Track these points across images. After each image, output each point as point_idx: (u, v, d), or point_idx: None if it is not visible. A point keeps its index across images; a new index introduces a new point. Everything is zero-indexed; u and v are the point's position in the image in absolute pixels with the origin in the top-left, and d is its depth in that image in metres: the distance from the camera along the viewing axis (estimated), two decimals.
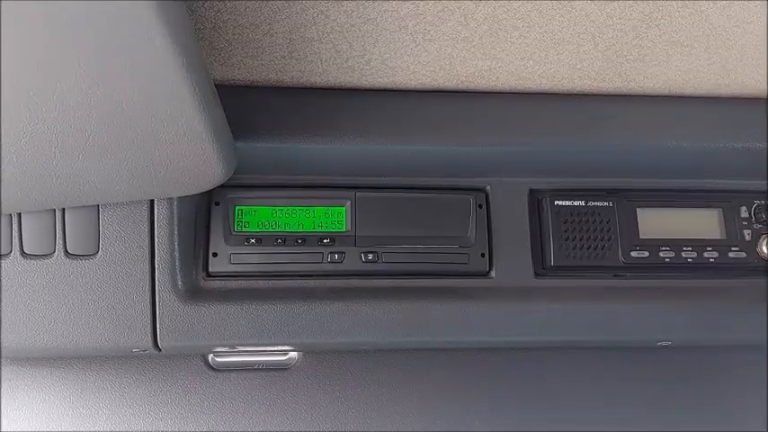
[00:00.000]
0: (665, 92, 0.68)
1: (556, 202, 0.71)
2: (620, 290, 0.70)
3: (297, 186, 0.69)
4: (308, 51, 0.60)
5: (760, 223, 0.72)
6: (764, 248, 0.71)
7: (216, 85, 0.63)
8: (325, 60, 0.61)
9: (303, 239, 0.67)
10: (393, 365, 0.75)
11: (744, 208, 0.73)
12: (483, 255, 0.69)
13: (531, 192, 0.72)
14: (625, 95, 0.69)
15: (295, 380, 0.74)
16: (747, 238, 0.72)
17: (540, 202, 0.72)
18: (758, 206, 0.73)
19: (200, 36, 0.58)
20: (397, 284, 0.68)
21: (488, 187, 0.71)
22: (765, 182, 0.74)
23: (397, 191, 0.70)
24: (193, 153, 0.52)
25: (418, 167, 0.69)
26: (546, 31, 0.59)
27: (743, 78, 0.67)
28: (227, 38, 0.59)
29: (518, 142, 0.67)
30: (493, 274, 0.69)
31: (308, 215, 0.68)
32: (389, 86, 0.66)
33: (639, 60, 0.63)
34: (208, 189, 0.59)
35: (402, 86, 0.66)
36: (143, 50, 0.40)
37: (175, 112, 0.46)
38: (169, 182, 0.57)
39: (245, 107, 0.64)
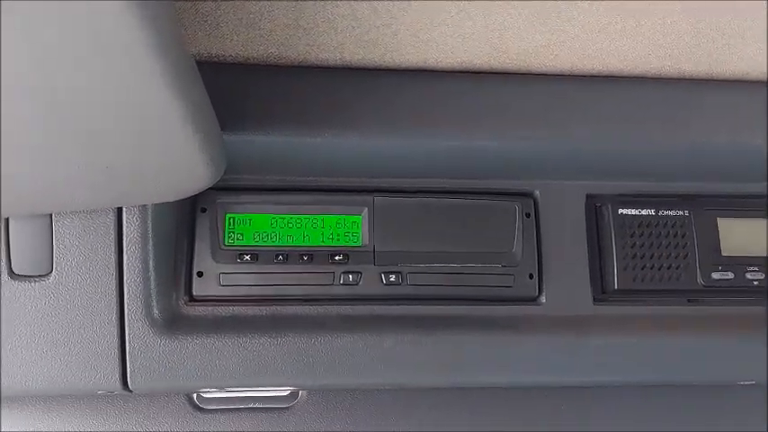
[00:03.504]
0: (762, 76, 0.55)
1: (620, 211, 0.58)
2: (698, 319, 0.58)
3: (302, 189, 0.56)
4: (319, 19, 0.47)
5: None
6: None
7: (200, 62, 0.50)
8: (341, 31, 0.48)
9: (310, 256, 0.54)
10: (418, 404, 0.62)
11: None
12: (531, 276, 0.57)
13: (589, 198, 0.59)
14: (712, 80, 0.56)
15: (299, 421, 0.61)
16: None
17: (600, 211, 0.59)
18: None
19: None
20: (426, 312, 0.55)
21: (537, 192, 0.58)
22: None
23: (426, 195, 0.57)
24: (169, 150, 0.39)
25: (453, 167, 0.56)
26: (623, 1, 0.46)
27: None
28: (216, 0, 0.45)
29: (576, 137, 0.54)
30: (543, 299, 0.57)
31: (315, 225, 0.55)
32: (421, 66, 0.53)
33: (739, 36, 0.50)
34: (189, 195, 0.46)
35: (436, 66, 0.53)
36: (96, 19, 0.27)
37: (141, 98, 0.33)
38: (140, 186, 0.44)
39: (239, 90, 0.51)
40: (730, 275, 0.58)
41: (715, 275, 0.58)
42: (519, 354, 0.55)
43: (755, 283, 0.58)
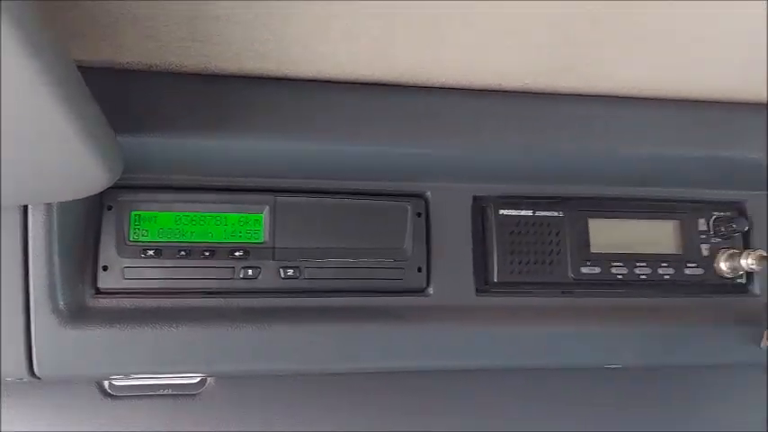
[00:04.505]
0: (624, 92, 0.62)
1: (501, 212, 0.64)
2: (569, 309, 0.64)
3: (206, 189, 0.59)
4: (212, 32, 0.50)
5: (719, 237, 0.67)
6: (722, 265, 0.66)
7: (105, 69, 0.54)
8: (236, 44, 0.52)
9: (212, 252, 0.58)
10: (321, 388, 0.67)
11: (702, 220, 0.67)
12: (420, 269, 0.62)
13: (476, 199, 0.64)
14: (581, 95, 0.62)
15: (206, 407, 0.65)
16: (705, 253, 0.67)
17: (485, 211, 0.64)
18: (717, 218, 0.67)
19: (81, 11, 0.48)
20: (322, 303, 0.60)
21: (429, 193, 0.63)
22: (726, 192, 0.69)
23: (324, 196, 0.61)
24: (60, 153, 0.42)
25: (349, 170, 0.61)
26: (494, 20, 0.51)
27: (708, 81, 0.60)
28: (114, 14, 0.48)
29: (462, 144, 0.60)
30: (430, 291, 0.62)
31: (218, 223, 0.59)
32: (316, 76, 0.57)
33: (598, 57, 0.56)
34: (89, 194, 0.49)
35: (331, 77, 0.57)
36: None
37: (23, 104, 0.36)
38: (38, 186, 0.47)
39: (143, 95, 0.54)
40: (597, 270, 0.64)
41: (584, 270, 0.64)
42: (408, 340, 0.60)
43: (619, 276, 0.65)
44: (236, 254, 0.58)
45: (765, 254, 0.63)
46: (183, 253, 0.57)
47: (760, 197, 0.69)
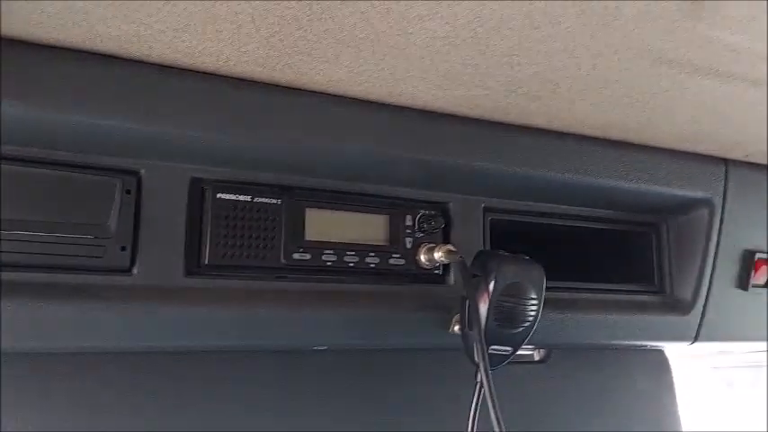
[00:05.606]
0: (336, 91, 0.66)
1: (219, 195, 0.65)
2: (279, 292, 0.67)
3: None
4: None
5: (422, 232, 0.75)
6: (422, 257, 0.74)
7: None
8: None
9: None
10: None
11: (409, 216, 0.74)
12: (124, 248, 0.61)
13: (195, 181, 0.65)
14: (299, 89, 0.65)
15: None
16: (408, 245, 0.74)
17: (203, 194, 0.65)
18: (422, 216, 0.75)
19: None
20: (5, 278, 0.55)
21: (143, 171, 0.62)
22: (434, 193, 0.77)
23: (18, 164, 0.57)
24: None
25: (50, 139, 0.57)
26: (197, 2, 0.51)
27: (412, 89, 0.67)
28: None
29: (180, 124, 0.60)
30: (135, 270, 0.61)
31: None
32: (12, 35, 0.53)
33: (307, 54, 0.59)
34: None
35: (37, 40, 0.54)
36: None
37: None
38: None
39: None
40: (308, 257, 0.68)
41: (296, 256, 0.68)
42: (106, 321, 0.59)
43: (329, 263, 0.69)
44: None
45: (453, 248, 0.71)
46: None
47: (463, 200, 0.78)
